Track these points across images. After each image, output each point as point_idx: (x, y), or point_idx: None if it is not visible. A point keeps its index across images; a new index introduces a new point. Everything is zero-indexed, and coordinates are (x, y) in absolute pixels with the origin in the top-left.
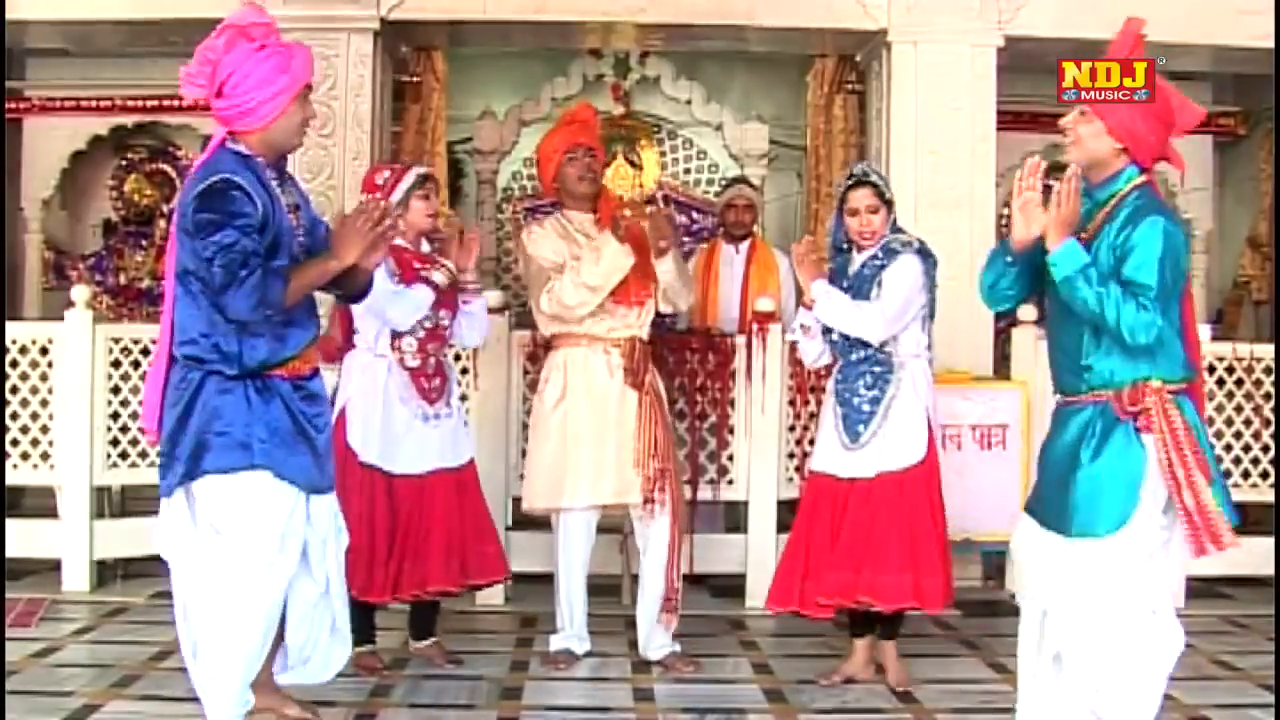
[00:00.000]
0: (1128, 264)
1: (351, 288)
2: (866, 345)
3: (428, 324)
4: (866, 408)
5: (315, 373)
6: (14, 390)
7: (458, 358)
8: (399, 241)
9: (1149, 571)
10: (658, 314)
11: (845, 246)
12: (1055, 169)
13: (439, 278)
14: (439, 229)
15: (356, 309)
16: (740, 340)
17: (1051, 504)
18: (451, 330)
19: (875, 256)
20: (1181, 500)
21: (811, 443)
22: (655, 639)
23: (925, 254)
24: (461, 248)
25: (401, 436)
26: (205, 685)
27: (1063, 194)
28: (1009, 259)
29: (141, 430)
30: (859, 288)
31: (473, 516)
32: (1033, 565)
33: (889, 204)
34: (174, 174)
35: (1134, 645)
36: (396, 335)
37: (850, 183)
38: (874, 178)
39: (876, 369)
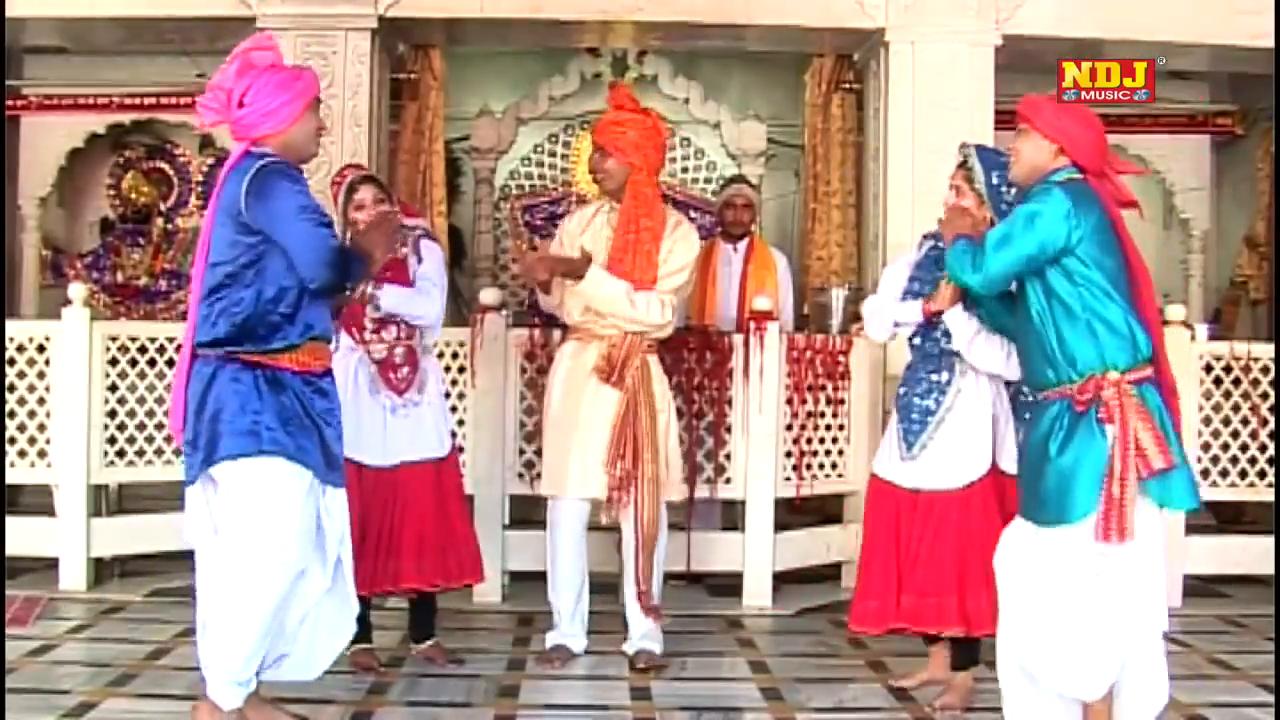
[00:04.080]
0: None
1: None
2: (929, 341)
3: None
4: (917, 417)
5: (327, 372)
6: (11, 388)
7: (455, 355)
8: None
9: (1116, 557)
10: None
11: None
12: None
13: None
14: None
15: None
16: (738, 339)
17: (1026, 494)
18: (408, 315)
19: None
20: (1109, 487)
21: (809, 441)
22: (634, 635)
23: None
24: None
25: (370, 429)
26: (211, 663)
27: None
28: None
29: (139, 428)
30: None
31: (449, 514)
32: (1004, 552)
33: None
34: (171, 172)
35: (1069, 617)
36: (360, 329)
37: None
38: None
39: (934, 377)
